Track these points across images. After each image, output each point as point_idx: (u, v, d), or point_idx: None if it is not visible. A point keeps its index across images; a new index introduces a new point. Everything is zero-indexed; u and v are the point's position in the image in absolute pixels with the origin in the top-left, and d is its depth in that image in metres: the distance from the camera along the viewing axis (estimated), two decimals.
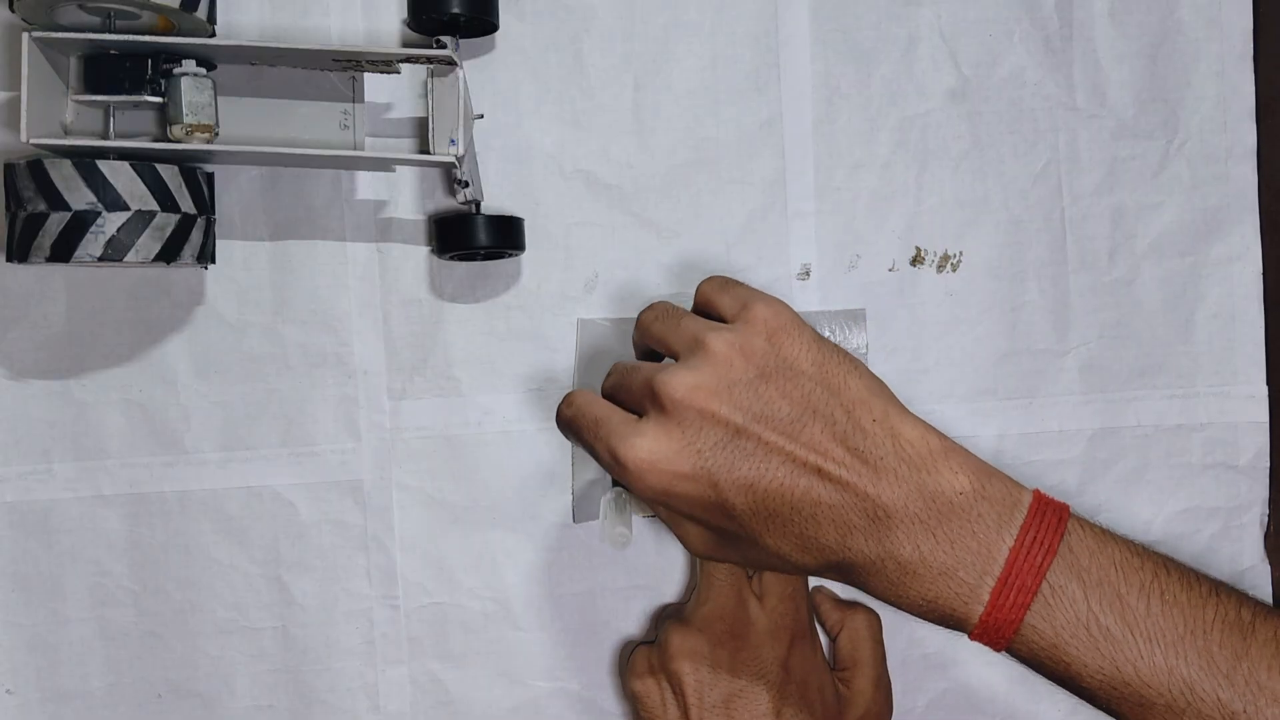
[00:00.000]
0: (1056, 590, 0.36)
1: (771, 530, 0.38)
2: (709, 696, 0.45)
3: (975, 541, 0.36)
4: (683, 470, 0.38)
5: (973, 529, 0.36)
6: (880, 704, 0.48)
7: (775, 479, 0.37)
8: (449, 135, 0.45)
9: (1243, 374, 0.52)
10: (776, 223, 0.51)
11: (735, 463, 0.37)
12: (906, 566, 0.36)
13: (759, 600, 0.47)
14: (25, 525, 0.49)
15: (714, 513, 0.38)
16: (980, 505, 0.37)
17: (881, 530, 0.37)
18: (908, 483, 0.37)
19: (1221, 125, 0.52)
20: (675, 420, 0.38)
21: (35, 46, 0.42)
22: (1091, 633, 0.35)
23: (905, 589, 0.37)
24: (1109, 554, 0.37)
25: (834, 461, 0.37)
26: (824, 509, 0.37)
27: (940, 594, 0.36)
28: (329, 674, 0.50)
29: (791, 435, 0.37)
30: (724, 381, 0.38)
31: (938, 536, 0.36)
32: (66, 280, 0.48)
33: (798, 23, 0.50)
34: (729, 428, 0.37)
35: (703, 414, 0.38)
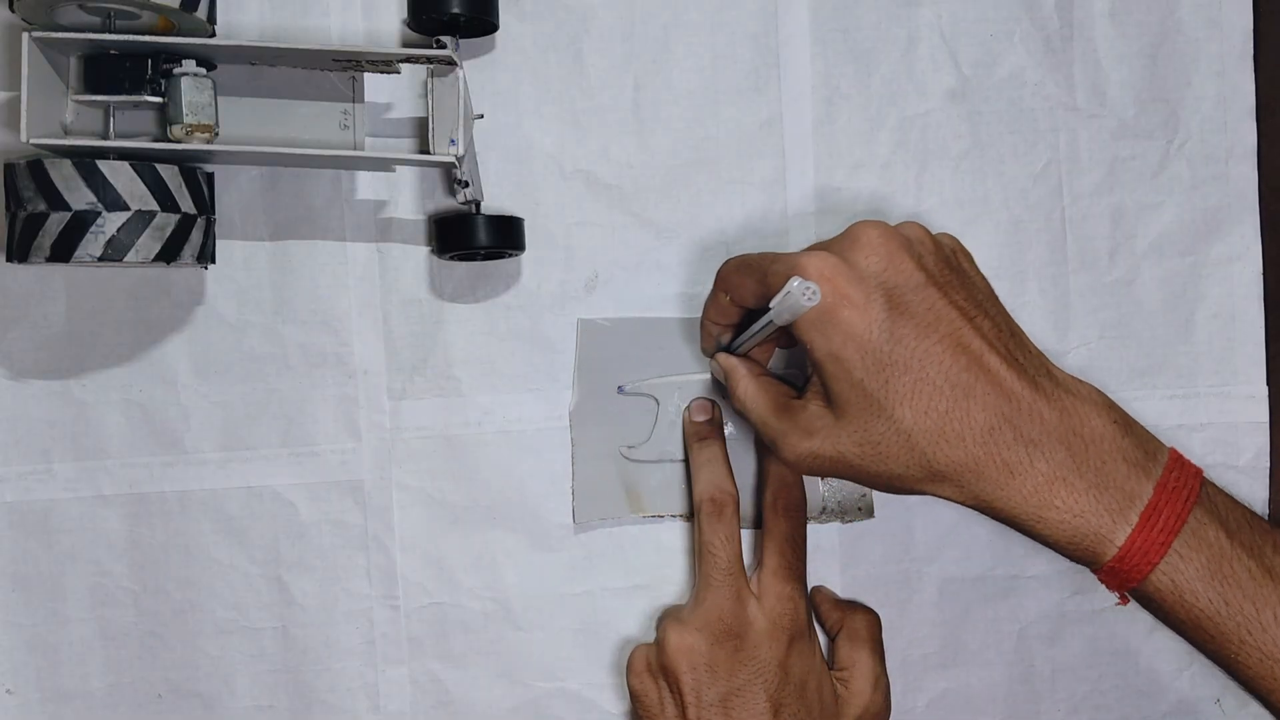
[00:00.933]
0: (1200, 526, 0.36)
1: (915, 401, 0.37)
2: (706, 695, 0.45)
3: (1126, 466, 0.36)
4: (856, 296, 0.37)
5: (1123, 455, 0.37)
6: (879, 704, 0.48)
7: (940, 345, 0.37)
8: (449, 135, 0.45)
9: (1243, 374, 0.52)
10: (776, 223, 0.51)
11: (907, 312, 0.37)
12: (1058, 472, 0.36)
13: (757, 600, 0.47)
14: (25, 525, 0.49)
15: (865, 358, 0.37)
16: (1130, 437, 0.37)
17: (1034, 431, 0.37)
18: (1063, 401, 0.37)
19: (1221, 125, 0.52)
20: (864, 252, 0.38)
21: (35, 46, 0.42)
22: (1234, 570, 0.35)
23: (1052, 496, 0.36)
24: (1242, 511, 0.37)
25: (996, 355, 0.37)
26: (978, 394, 0.37)
27: (1089, 508, 0.36)
28: (329, 674, 0.50)
29: (964, 314, 0.38)
30: (917, 245, 0.39)
31: (1090, 452, 0.37)
32: (66, 280, 0.48)
33: (798, 23, 0.50)
34: (911, 279, 0.38)
35: (892, 255, 0.38)
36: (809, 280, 0.37)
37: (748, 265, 0.43)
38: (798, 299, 0.37)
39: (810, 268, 0.38)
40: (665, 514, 0.50)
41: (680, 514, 0.50)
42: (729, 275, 0.44)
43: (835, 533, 0.51)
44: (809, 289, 0.37)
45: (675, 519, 0.51)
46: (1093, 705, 0.52)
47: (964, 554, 0.51)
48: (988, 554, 0.51)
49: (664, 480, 0.50)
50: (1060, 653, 0.52)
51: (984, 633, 0.52)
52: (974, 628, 0.52)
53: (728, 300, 0.45)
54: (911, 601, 0.51)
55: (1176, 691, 0.52)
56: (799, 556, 0.48)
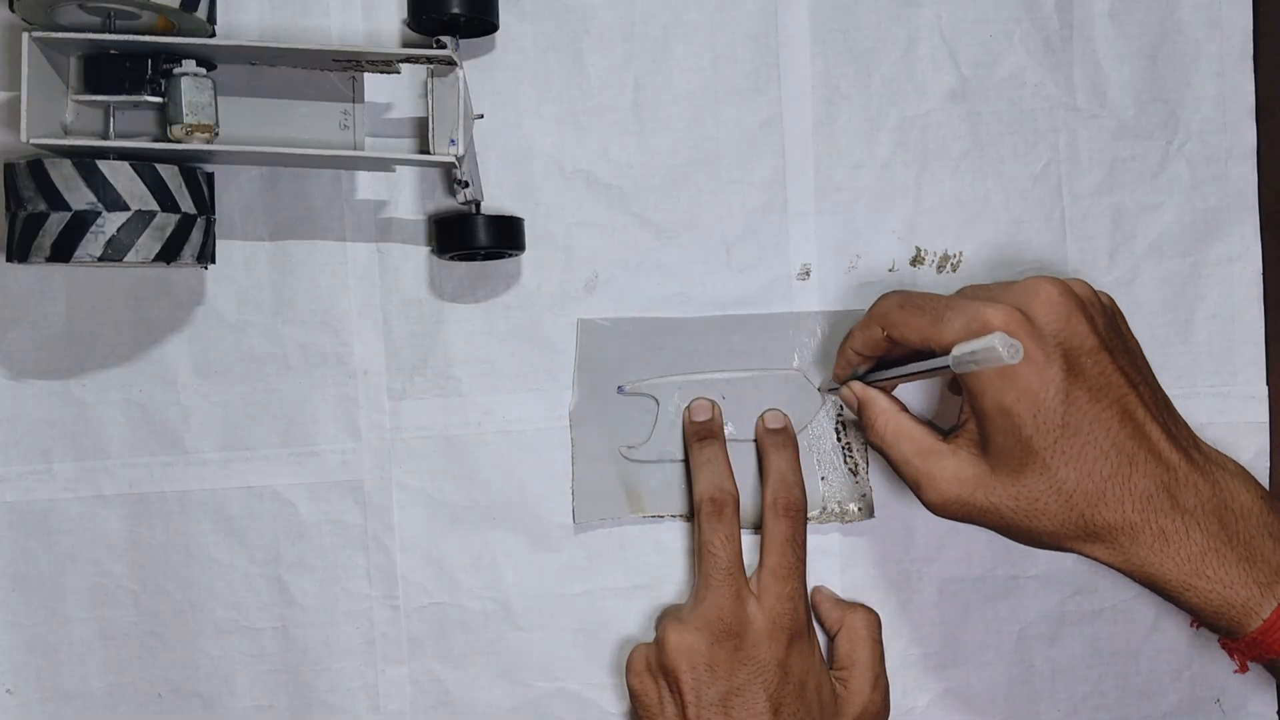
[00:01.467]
0: None
1: (1080, 463, 0.38)
2: (706, 695, 0.45)
3: (1272, 543, 0.38)
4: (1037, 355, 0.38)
5: (1269, 531, 0.38)
6: (878, 704, 0.48)
7: (1109, 410, 0.38)
8: (449, 135, 0.45)
9: (1243, 374, 0.52)
10: (776, 223, 0.51)
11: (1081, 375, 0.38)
12: (1211, 543, 0.38)
13: (757, 599, 0.47)
14: (25, 525, 0.49)
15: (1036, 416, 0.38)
16: (1272, 516, 0.39)
17: (1190, 501, 0.38)
18: (1214, 475, 0.39)
19: (1221, 125, 0.52)
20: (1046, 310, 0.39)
21: (35, 46, 0.42)
22: None
23: (1204, 565, 0.38)
24: None
25: (1156, 425, 0.39)
26: (1140, 462, 0.38)
27: (1238, 579, 0.37)
28: (329, 674, 0.50)
29: (1130, 381, 0.39)
30: (1090, 307, 0.40)
31: (1240, 525, 0.38)
32: (66, 280, 0.48)
33: (798, 23, 0.50)
34: (1086, 342, 0.38)
35: (1072, 316, 0.39)
36: (1012, 339, 0.37)
37: (916, 305, 0.42)
38: (999, 354, 0.37)
39: (996, 321, 0.38)
40: (665, 514, 0.50)
41: (680, 514, 0.50)
42: (891, 312, 0.43)
43: (835, 533, 0.51)
44: (1013, 346, 0.37)
45: (675, 519, 0.51)
46: (1093, 705, 0.52)
47: (964, 554, 0.51)
48: (988, 554, 0.51)
49: (664, 480, 0.50)
50: (1060, 653, 0.52)
51: (984, 633, 0.52)
52: (974, 628, 0.52)
53: (883, 335, 0.44)
54: (911, 601, 0.51)
55: (1176, 691, 0.52)
56: (799, 557, 0.48)
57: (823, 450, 0.51)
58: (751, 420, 0.50)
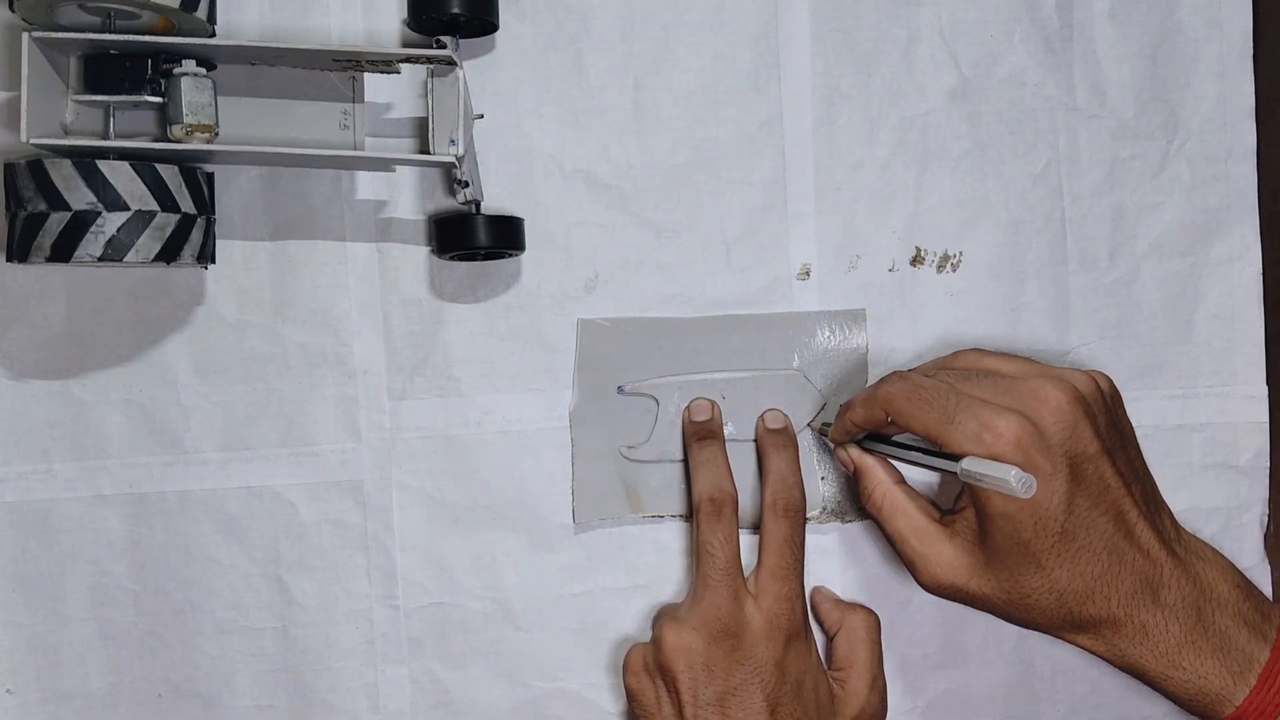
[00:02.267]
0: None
1: (1073, 566, 0.40)
2: (703, 694, 0.45)
3: (1246, 630, 0.40)
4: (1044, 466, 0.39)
5: (1244, 619, 0.41)
6: (875, 705, 0.48)
7: (1105, 516, 0.40)
8: (449, 135, 0.45)
9: (1243, 374, 0.52)
10: (776, 223, 0.51)
11: (1083, 483, 0.40)
12: (1188, 637, 0.40)
13: (754, 599, 0.47)
14: (25, 525, 0.49)
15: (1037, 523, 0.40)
16: (1246, 604, 0.41)
17: (1171, 598, 0.40)
18: (1194, 568, 0.41)
19: (1221, 125, 0.52)
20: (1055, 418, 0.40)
21: (35, 46, 0.42)
22: None
23: (1180, 658, 0.40)
24: None
25: (1146, 525, 0.41)
26: (1129, 562, 0.40)
27: (1212, 670, 0.40)
28: (329, 674, 0.50)
29: (1125, 482, 0.41)
30: (1094, 407, 0.41)
31: (1216, 617, 0.40)
32: (66, 280, 0.48)
33: (798, 23, 0.50)
34: (1089, 448, 0.40)
35: (1079, 422, 0.40)
36: (1028, 475, 0.38)
37: (925, 400, 0.41)
38: (1013, 488, 0.38)
39: (1009, 434, 0.39)
40: (665, 514, 0.50)
41: (680, 514, 0.50)
42: (897, 400, 0.42)
43: (835, 533, 0.51)
44: (1028, 483, 0.38)
45: (675, 519, 0.51)
46: (1093, 705, 0.52)
47: None
48: None
49: (664, 480, 0.50)
50: (1060, 653, 0.52)
51: (984, 633, 0.52)
52: (974, 628, 0.52)
53: (886, 419, 0.44)
54: (911, 601, 0.51)
55: None
56: (797, 558, 0.48)
57: (822, 450, 0.51)
58: (751, 420, 0.50)
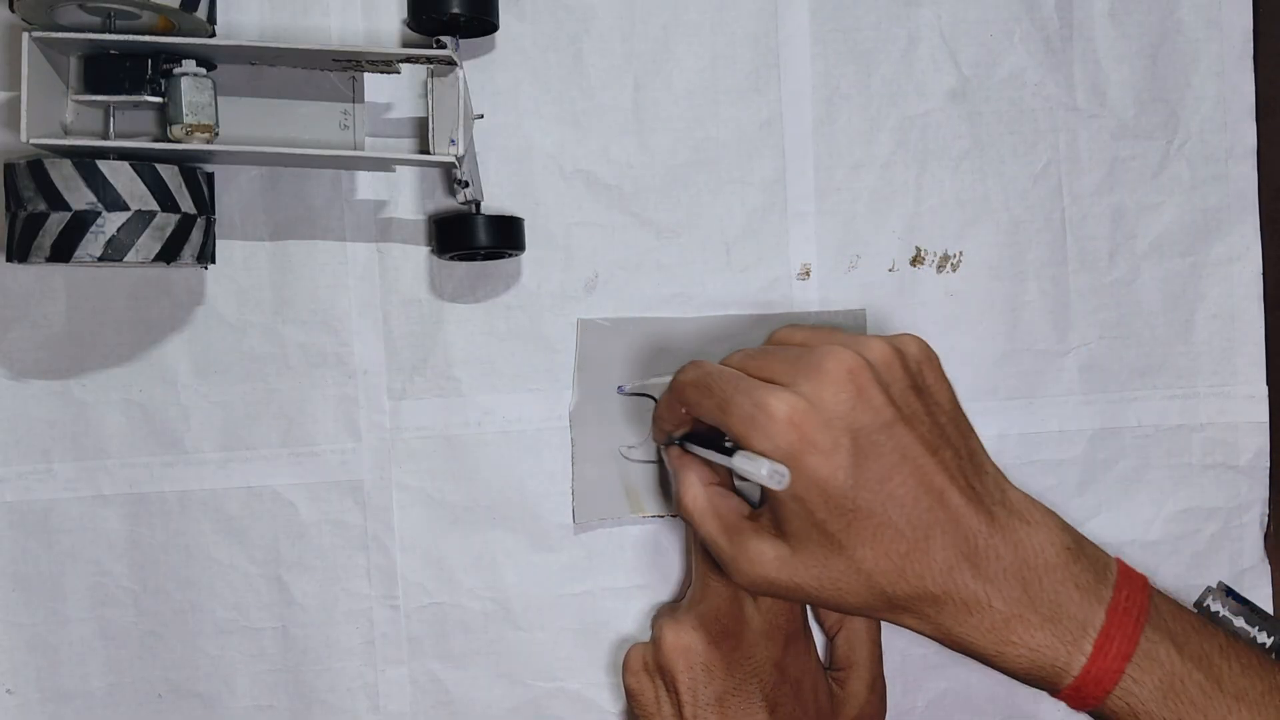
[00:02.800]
0: (1152, 645, 0.36)
1: (876, 543, 0.37)
2: (702, 694, 0.45)
3: (1078, 593, 0.37)
4: (823, 443, 0.37)
5: (1075, 581, 0.37)
6: (874, 706, 0.48)
7: (904, 486, 0.37)
8: (449, 135, 0.45)
9: (1243, 374, 0.52)
10: (776, 223, 0.51)
11: (873, 455, 0.37)
12: (1013, 609, 0.37)
13: (754, 600, 0.47)
14: (25, 525, 0.49)
15: (828, 503, 0.37)
16: (1080, 562, 0.38)
17: (991, 569, 0.37)
18: (1017, 532, 0.38)
19: (1221, 125, 0.52)
20: (833, 390, 0.37)
21: (35, 46, 0.42)
22: (1186, 688, 0.36)
23: (1009, 632, 0.37)
24: (1188, 618, 0.38)
25: (958, 490, 0.38)
26: (938, 534, 0.37)
27: (1044, 641, 0.37)
28: (329, 674, 0.50)
29: (929, 448, 0.38)
30: (885, 374, 0.38)
31: (1044, 584, 0.37)
32: (66, 280, 0.48)
33: (798, 23, 0.50)
34: (879, 418, 0.37)
35: (861, 392, 0.37)
36: (779, 465, 0.37)
37: (707, 388, 0.40)
38: (765, 482, 0.37)
39: (780, 413, 0.37)
40: (665, 514, 0.50)
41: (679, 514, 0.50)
42: (686, 392, 0.42)
43: None
44: (779, 475, 0.37)
45: (675, 519, 0.51)
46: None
47: None
48: None
49: (664, 480, 0.50)
50: None
51: None
52: None
53: (684, 412, 0.43)
54: None
55: None
56: None
57: None
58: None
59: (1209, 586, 0.52)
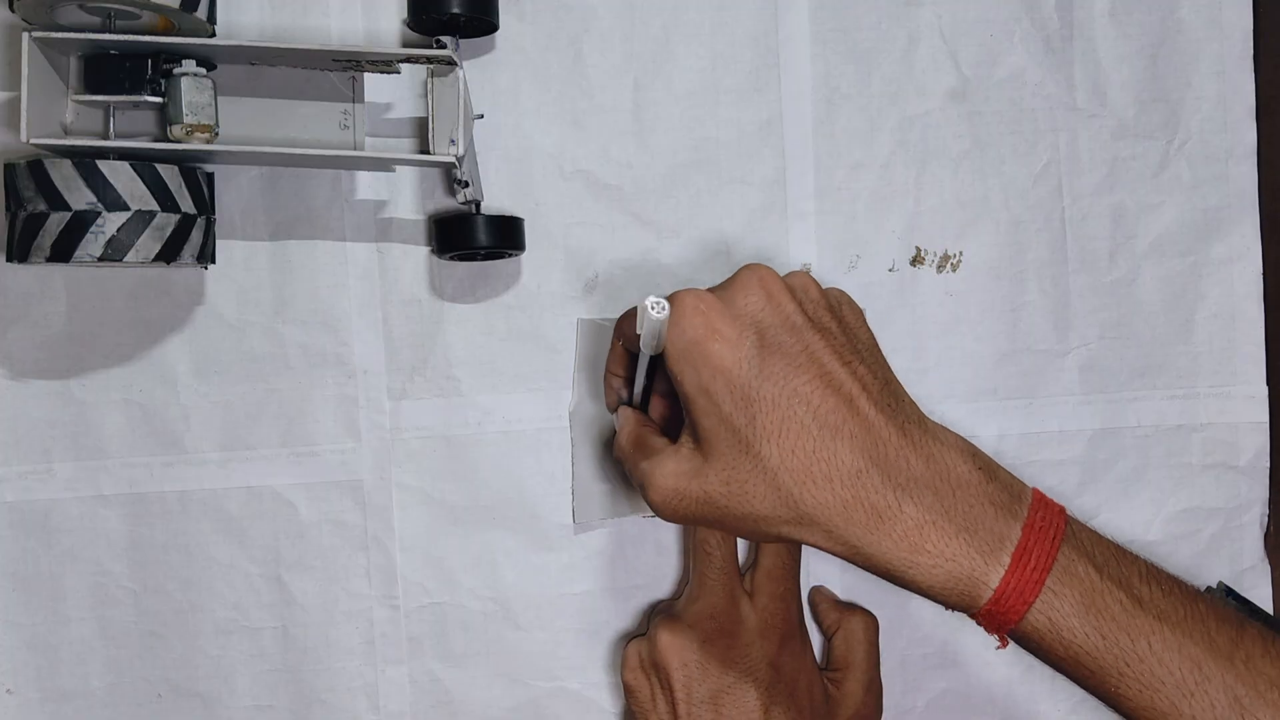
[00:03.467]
0: (1070, 563, 0.36)
1: (782, 439, 0.36)
2: (697, 692, 0.45)
3: (993, 509, 0.36)
4: (727, 331, 0.37)
5: (990, 499, 0.36)
6: (870, 707, 0.48)
7: (810, 384, 0.37)
8: (449, 135, 0.45)
9: (1243, 374, 0.52)
10: (776, 223, 0.51)
11: (779, 351, 0.37)
12: (926, 516, 0.36)
13: (750, 599, 0.47)
14: (25, 525, 0.49)
15: (733, 393, 0.37)
16: (992, 485, 0.37)
17: (902, 476, 0.36)
18: (930, 448, 0.37)
19: (1221, 125, 0.52)
20: (742, 291, 0.38)
21: (35, 46, 0.42)
22: (1106, 603, 0.35)
23: (922, 540, 0.36)
24: (1107, 545, 0.37)
25: (869, 399, 0.37)
26: (846, 436, 0.36)
27: (960, 551, 0.35)
28: (329, 674, 0.50)
29: (840, 358, 0.38)
30: (799, 292, 0.39)
31: (957, 496, 0.36)
32: (66, 280, 0.48)
33: (798, 23, 0.50)
34: (788, 321, 0.38)
35: (771, 297, 0.38)
36: (660, 297, 0.38)
37: (631, 311, 0.43)
38: (648, 313, 0.38)
39: (685, 302, 0.38)
40: None
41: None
42: (621, 322, 0.45)
43: None
44: (658, 303, 0.38)
45: None
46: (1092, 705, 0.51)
47: None
48: None
49: None
50: None
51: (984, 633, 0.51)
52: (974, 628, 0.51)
53: (621, 346, 0.46)
54: (912, 601, 0.51)
55: None
56: (794, 558, 0.48)
57: None
58: None
59: (1209, 586, 0.52)
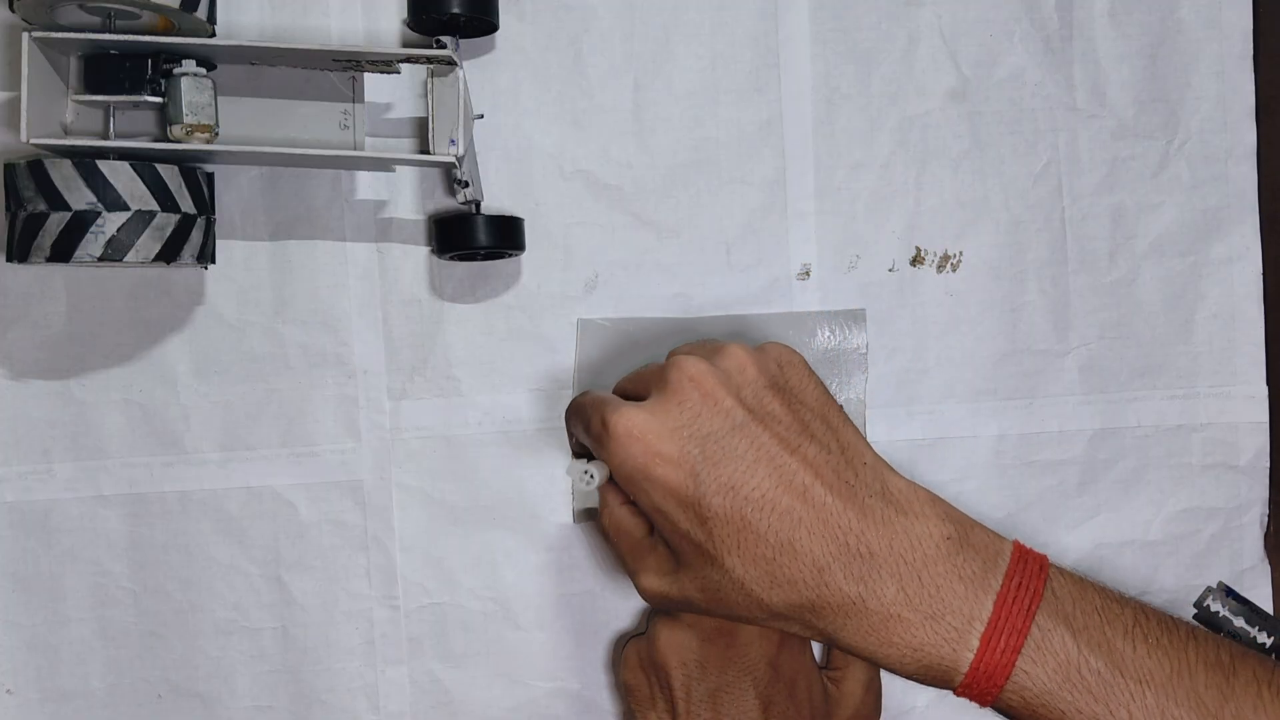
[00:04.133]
0: (1045, 634, 0.35)
1: (742, 549, 0.36)
2: (696, 690, 0.45)
3: (962, 586, 0.36)
4: (668, 452, 0.37)
5: (959, 574, 0.36)
6: (869, 706, 0.48)
7: (761, 487, 0.36)
8: (449, 135, 0.45)
9: (1243, 374, 0.52)
10: (776, 223, 0.51)
11: (724, 459, 0.37)
12: (890, 609, 0.36)
13: None
14: (25, 525, 0.49)
15: (685, 511, 0.37)
16: (965, 552, 0.36)
17: (863, 568, 0.36)
18: (893, 525, 0.36)
19: (1221, 125, 0.52)
20: (676, 399, 0.38)
21: (35, 46, 0.42)
22: (1083, 676, 0.35)
23: (889, 634, 0.36)
24: (1090, 599, 0.36)
25: (824, 485, 0.36)
26: (804, 534, 0.36)
27: (927, 640, 0.36)
28: (329, 674, 0.50)
29: (788, 447, 0.37)
30: (737, 377, 0.38)
31: (923, 580, 0.36)
32: (66, 280, 0.48)
33: (798, 23, 0.50)
34: (728, 420, 0.37)
35: (706, 398, 0.37)
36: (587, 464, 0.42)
37: (578, 412, 0.43)
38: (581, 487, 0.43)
39: (618, 430, 0.38)
40: None
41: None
42: (567, 419, 0.45)
43: None
44: (586, 475, 0.42)
45: None
46: None
47: None
48: None
49: None
50: None
51: None
52: None
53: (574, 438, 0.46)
54: None
55: None
56: None
57: None
58: None
59: (1209, 586, 0.52)
